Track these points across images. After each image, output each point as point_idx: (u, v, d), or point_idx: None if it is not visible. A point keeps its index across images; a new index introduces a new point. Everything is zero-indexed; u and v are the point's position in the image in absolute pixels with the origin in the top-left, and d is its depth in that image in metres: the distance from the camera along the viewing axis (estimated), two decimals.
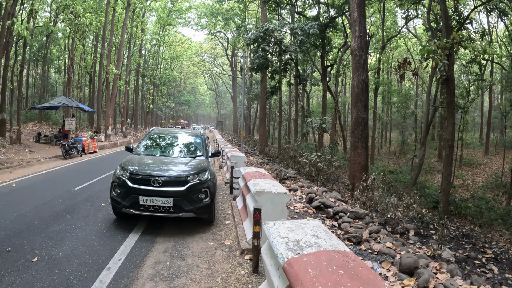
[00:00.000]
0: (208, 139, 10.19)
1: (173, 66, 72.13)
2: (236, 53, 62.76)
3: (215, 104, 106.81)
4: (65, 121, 24.06)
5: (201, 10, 54.52)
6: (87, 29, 28.60)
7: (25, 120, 39.21)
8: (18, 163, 17.16)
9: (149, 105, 58.34)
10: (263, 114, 29.58)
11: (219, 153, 9.37)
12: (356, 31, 15.75)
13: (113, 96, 34.18)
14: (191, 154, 8.82)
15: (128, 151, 9.11)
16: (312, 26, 19.93)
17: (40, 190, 11.18)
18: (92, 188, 11.61)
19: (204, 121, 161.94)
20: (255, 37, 20.62)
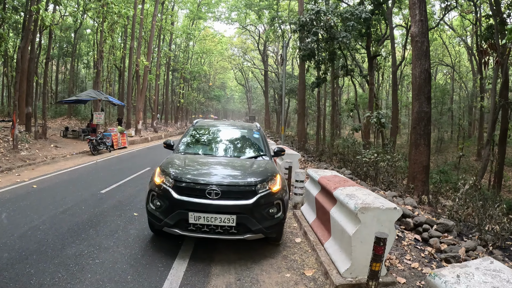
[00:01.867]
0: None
1: (203, 60, 70.89)
2: (268, 46, 60.89)
3: (245, 99, 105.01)
4: (93, 114, 22.62)
5: (231, 3, 52.64)
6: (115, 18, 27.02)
7: (54, 115, 38.73)
8: (41, 160, 15.81)
9: (179, 99, 57.12)
10: (301, 108, 27.42)
11: (283, 151, 7.27)
12: (416, 14, 13.74)
13: (144, 89, 32.77)
14: (251, 154, 6.94)
15: (168, 148, 7.18)
16: (365, 10, 17.77)
17: (61, 192, 9.69)
18: (122, 191, 10.04)
19: (233, 116, 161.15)
20: (305, 20, 18.42)
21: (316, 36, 18.02)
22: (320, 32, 17.85)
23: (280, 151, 7.13)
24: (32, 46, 21.63)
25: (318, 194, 6.47)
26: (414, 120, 13.43)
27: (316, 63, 20.05)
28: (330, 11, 18.66)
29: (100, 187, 10.30)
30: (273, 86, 58.06)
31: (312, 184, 7.18)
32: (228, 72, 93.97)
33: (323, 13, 18.14)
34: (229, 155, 6.82)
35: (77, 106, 37.68)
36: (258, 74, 71.99)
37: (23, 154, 15.89)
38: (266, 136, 7.90)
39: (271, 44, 60.25)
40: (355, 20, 17.64)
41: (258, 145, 7.23)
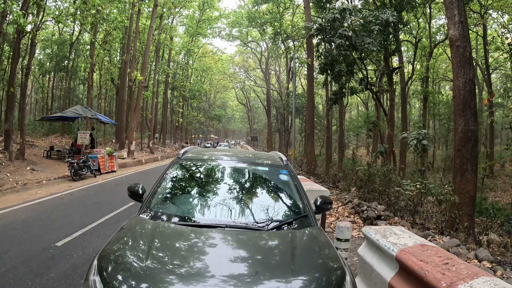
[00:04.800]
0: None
1: (203, 79, 69.24)
2: (270, 65, 59.07)
3: (246, 119, 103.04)
4: (78, 134, 20.19)
5: (232, 19, 50.88)
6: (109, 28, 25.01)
7: (47, 132, 37.05)
8: (10, 186, 13.48)
9: (178, 119, 54.87)
10: (310, 128, 25.04)
11: (330, 202, 4.31)
12: (454, 15, 11.64)
13: (138, 106, 30.42)
14: (282, 217, 3.89)
15: (134, 198, 4.32)
16: (391, 14, 15.33)
17: (8, 240, 7.11)
18: (85, 245, 7.11)
19: (234, 136, 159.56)
20: (327, 21, 15.82)
21: (342, 39, 15.29)
22: (346, 34, 15.19)
23: (326, 202, 4.26)
24: (14, 55, 19.40)
25: (395, 278, 3.98)
26: (459, 141, 10.99)
27: (335, 75, 17.30)
28: (357, 10, 16.27)
29: (59, 235, 7.57)
30: (276, 105, 56.11)
31: (376, 254, 4.70)
32: (229, 91, 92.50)
33: (348, 13, 15.65)
34: (242, 222, 3.63)
35: (71, 124, 35.42)
36: (260, 93, 70.13)
37: None
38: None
39: (273, 62, 58.41)
40: (380, 25, 15.19)
41: (291, 196, 4.25)
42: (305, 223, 3.71)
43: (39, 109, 54.05)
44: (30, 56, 20.39)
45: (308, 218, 3.79)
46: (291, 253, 2.96)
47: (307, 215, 3.81)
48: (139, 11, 29.45)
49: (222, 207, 3.85)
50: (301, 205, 4.00)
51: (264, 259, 2.95)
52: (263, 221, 3.62)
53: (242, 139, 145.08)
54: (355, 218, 10.95)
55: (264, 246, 3.23)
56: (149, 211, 3.82)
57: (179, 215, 3.75)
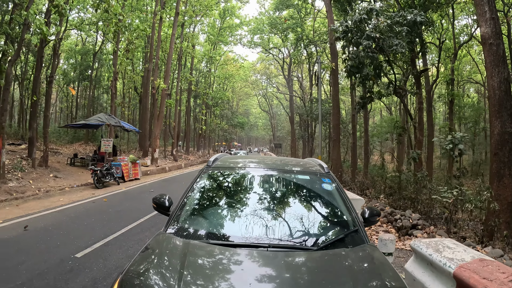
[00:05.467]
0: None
1: (225, 86, 69.25)
2: (292, 71, 58.59)
3: (269, 126, 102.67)
4: (101, 141, 20.12)
5: (253, 26, 50.74)
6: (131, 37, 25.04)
7: (72, 140, 37.34)
8: (32, 193, 13.39)
9: (201, 126, 54.77)
10: (336, 134, 24.39)
11: (378, 214, 3.85)
12: (485, 12, 11.13)
13: (161, 114, 30.35)
14: (330, 233, 3.49)
15: (160, 210, 3.96)
16: (419, 13, 14.74)
17: (25, 250, 6.83)
18: (105, 257, 6.68)
19: (257, 144, 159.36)
20: (353, 22, 15.28)
21: (369, 40, 14.67)
22: (374, 36, 14.59)
23: (374, 214, 3.80)
24: (38, 63, 19.50)
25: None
26: (495, 144, 10.38)
27: (362, 78, 16.68)
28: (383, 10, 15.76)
29: (79, 245, 7.25)
30: (299, 112, 55.50)
31: (428, 271, 4.30)
32: (252, 99, 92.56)
33: (375, 13, 15.11)
34: (287, 240, 3.17)
35: (95, 131, 35.68)
36: (282, 100, 69.75)
37: (11, 185, 13.45)
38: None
39: (296, 68, 57.89)
40: (408, 25, 14.60)
41: (337, 208, 3.75)
42: (356, 239, 3.24)
43: (63, 117, 54.90)
44: (54, 65, 20.50)
45: (358, 233, 3.31)
46: (350, 278, 2.59)
47: (358, 229, 3.33)
48: (161, 20, 29.45)
49: (261, 223, 3.36)
50: (350, 218, 3.52)
51: (320, 286, 2.54)
52: (310, 239, 3.21)
53: (265, 146, 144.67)
54: (388, 228, 10.38)
55: (318, 270, 2.79)
56: (178, 226, 3.37)
57: (213, 232, 3.30)
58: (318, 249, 2.98)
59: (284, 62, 56.17)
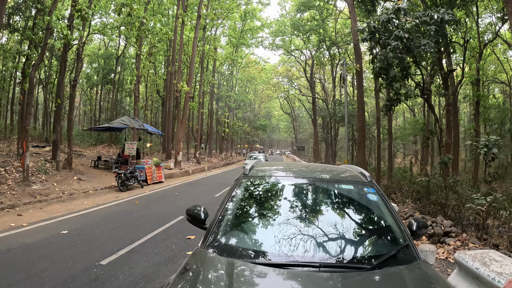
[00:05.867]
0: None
1: (247, 89, 69.26)
2: (314, 73, 58.14)
3: (291, 128, 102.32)
4: (125, 144, 20.12)
5: (275, 28, 50.57)
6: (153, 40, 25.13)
7: (95, 142, 37.77)
8: (56, 196, 13.40)
9: (224, 129, 54.80)
10: (361, 137, 23.83)
11: (425, 226, 3.58)
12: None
13: (185, 117, 30.35)
14: (380, 247, 3.16)
15: (195, 223, 3.63)
16: (447, 12, 14.26)
17: (49, 256, 6.69)
18: (131, 264, 6.44)
19: (279, 146, 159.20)
20: (380, 22, 14.86)
21: (397, 41, 14.22)
22: (402, 36, 14.13)
23: (422, 226, 3.52)
24: (61, 68, 19.64)
25: None
26: None
27: (389, 80, 16.21)
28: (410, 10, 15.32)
29: (104, 252, 7.05)
30: (322, 114, 55.01)
31: (473, 285, 4.09)
32: (274, 101, 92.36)
33: (403, 13, 14.68)
34: (337, 259, 2.88)
35: (119, 134, 35.92)
36: (305, 102, 69.27)
37: (35, 188, 13.48)
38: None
39: (318, 70, 57.47)
40: (435, 24, 14.14)
41: (385, 221, 3.41)
42: (408, 255, 2.96)
43: (87, 120, 55.78)
44: (77, 69, 20.70)
45: (409, 248, 3.01)
46: None
47: (408, 244, 3.03)
48: (183, 23, 29.45)
49: (308, 239, 3.04)
50: (399, 232, 3.21)
51: None
52: (362, 257, 2.94)
53: (287, 148, 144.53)
54: None
55: None
56: (217, 243, 3.05)
57: (258, 249, 2.99)
58: (371, 268, 2.70)
59: (306, 64, 55.79)
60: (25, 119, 14.31)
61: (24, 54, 15.09)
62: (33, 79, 14.94)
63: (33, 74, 14.72)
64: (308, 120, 76.26)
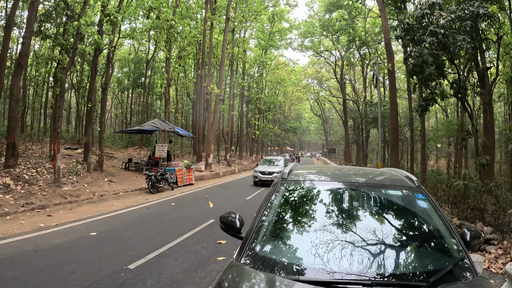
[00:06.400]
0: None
1: (277, 91, 69.05)
2: (345, 74, 57.45)
3: (321, 130, 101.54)
4: (156, 147, 20.18)
5: (304, 29, 50.27)
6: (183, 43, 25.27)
7: (126, 144, 38.32)
8: (87, 197, 13.52)
9: (254, 131, 54.71)
10: (395, 138, 23.19)
11: (479, 237, 3.34)
12: None
13: (215, 119, 30.34)
14: (436, 261, 2.82)
15: (228, 231, 3.39)
16: (482, 5, 13.69)
17: (76, 258, 6.63)
18: (160, 270, 6.26)
19: (309, 148, 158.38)
20: (417, 16, 14.24)
21: (434, 37, 13.68)
22: (438, 31, 13.61)
23: (476, 237, 3.21)
24: (92, 72, 19.91)
25: None
26: None
27: (424, 78, 15.62)
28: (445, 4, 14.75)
29: (133, 255, 6.92)
30: (352, 116, 54.28)
31: None
32: (304, 103, 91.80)
33: (438, 7, 14.15)
34: (390, 275, 2.59)
35: (149, 137, 36.25)
36: (335, 103, 68.58)
37: (66, 189, 13.64)
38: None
39: (348, 70, 56.78)
40: (471, 19, 13.57)
41: (439, 231, 3.07)
42: (465, 270, 2.68)
43: (118, 123, 56.74)
44: (108, 73, 21.05)
45: (466, 262, 2.74)
46: None
47: (464, 257, 2.76)
48: (212, 26, 29.53)
49: (357, 253, 2.75)
50: (454, 243, 2.92)
51: None
52: (417, 272, 2.64)
53: (317, 151, 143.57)
54: None
55: None
56: (255, 256, 2.77)
57: (301, 264, 2.66)
58: (428, 285, 2.40)
59: (336, 65, 55.22)
60: (56, 121, 14.47)
61: (56, 59, 15.28)
62: (64, 82, 15.17)
63: (64, 78, 14.95)
64: (339, 122, 75.52)
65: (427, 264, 2.75)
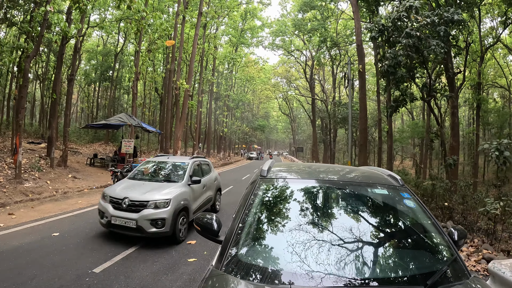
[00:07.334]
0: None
1: (246, 89, 68.95)
2: (314, 75, 57.77)
3: (289, 129, 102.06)
4: (122, 142, 19.63)
5: (275, 28, 50.22)
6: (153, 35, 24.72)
7: (92, 139, 37.46)
8: (49, 194, 12.92)
9: (223, 128, 54.32)
10: (363, 139, 23.29)
11: (466, 236, 3.37)
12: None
13: (184, 115, 29.77)
14: (429, 263, 2.70)
15: (205, 234, 3.09)
16: (456, 12, 13.92)
17: (37, 262, 6.17)
18: (129, 272, 5.95)
19: (276, 147, 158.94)
20: (394, 18, 14.33)
21: (410, 39, 13.81)
22: (414, 34, 13.75)
23: (463, 236, 3.12)
24: (58, 62, 19.18)
25: None
26: None
27: (396, 80, 15.81)
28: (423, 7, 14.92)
29: (98, 257, 6.53)
30: (321, 116, 54.74)
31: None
32: (272, 102, 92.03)
33: (414, 11, 14.27)
34: (386, 279, 2.42)
35: (115, 132, 35.47)
36: (304, 103, 68.92)
37: (28, 185, 12.98)
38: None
39: (317, 71, 57.13)
40: (445, 24, 13.81)
41: (428, 231, 2.96)
42: (459, 271, 2.57)
43: (84, 117, 55.33)
44: (74, 64, 20.13)
45: (458, 262, 2.62)
46: None
47: (456, 258, 2.63)
48: (184, 19, 28.97)
49: (350, 256, 2.56)
50: (445, 243, 2.79)
51: None
52: (414, 275, 2.50)
53: (285, 149, 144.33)
54: None
55: None
56: (238, 263, 2.49)
57: (291, 271, 2.39)
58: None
59: (306, 64, 55.44)
60: (18, 113, 13.81)
61: (21, 48, 14.57)
62: (27, 71, 14.45)
63: (28, 66, 14.24)
64: (307, 121, 76.08)
65: (422, 266, 2.63)
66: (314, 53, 49.16)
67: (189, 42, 37.17)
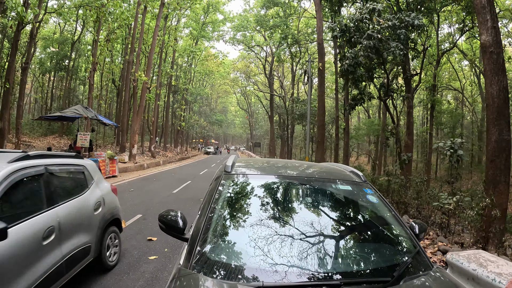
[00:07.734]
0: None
1: (205, 83, 68.71)
2: (273, 71, 58.26)
3: (247, 124, 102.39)
4: (77, 135, 19.07)
5: (237, 23, 50.27)
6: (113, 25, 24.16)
7: (45, 132, 36.18)
8: None
9: (180, 122, 53.85)
10: (321, 135, 23.70)
11: (426, 229, 3.30)
12: (487, 20, 11.12)
13: (141, 108, 29.36)
14: (395, 257, 2.78)
15: (170, 232, 2.95)
16: (417, 17, 14.50)
17: None
18: (89, 276, 5.45)
19: (234, 142, 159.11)
20: (357, 19, 14.71)
21: (370, 40, 14.23)
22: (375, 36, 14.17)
23: (423, 230, 3.19)
24: (12, 49, 18.44)
25: None
26: (492, 151, 10.34)
27: (355, 79, 16.32)
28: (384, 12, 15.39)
29: None
30: (279, 112, 55.36)
31: (469, 285, 4.06)
32: (230, 96, 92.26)
33: (377, 14, 14.69)
34: (355, 272, 2.49)
35: (71, 124, 34.44)
36: (262, 98, 69.40)
37: None
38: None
39: (277, 67, 57.68)
40: (405, 28, 14.37)
41: (391, 226, 3.05)
42: (423, 263, 2.69)
43: (38, 108, 53.30)
44: (30, 51, 19.36)
45: (421, 255, 2.76)
46: None
47: (419, 250, 2.77)
48: (145, 9, 28.48)
49: (320, 251, 2.62)
50: (407, 237, 2.94)
51: None
52: (381, 268, 2.59)
53: (242, 144, 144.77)
54: None
55: None
56: (208, 261, 2.45)
57: (262, 268, 2.37)
58: (393, 280, 2.35)
59: (266, 60, 55.77)
60: None
61: None
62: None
63: None
64: (265, 116, 76.65)
65: (387, 258, 2.75)
66: (274, 50, 49.54)
67: (149, 33, 36.60)
